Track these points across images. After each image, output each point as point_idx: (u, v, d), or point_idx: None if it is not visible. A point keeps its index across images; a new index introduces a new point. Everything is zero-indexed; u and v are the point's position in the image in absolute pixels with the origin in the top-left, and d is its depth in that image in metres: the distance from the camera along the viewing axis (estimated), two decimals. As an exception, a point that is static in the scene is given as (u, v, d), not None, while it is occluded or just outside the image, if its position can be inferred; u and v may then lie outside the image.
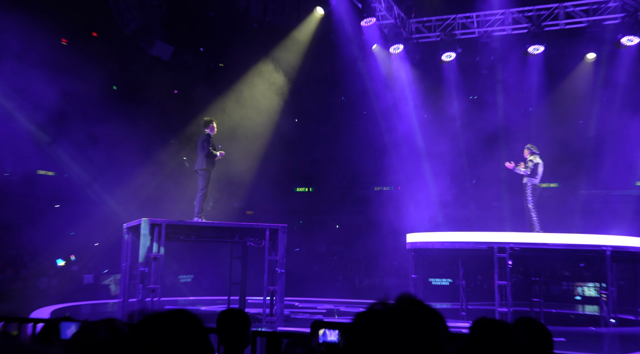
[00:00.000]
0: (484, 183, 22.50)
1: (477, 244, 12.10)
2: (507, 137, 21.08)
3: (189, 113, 22.79)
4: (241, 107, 21.72)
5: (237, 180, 22.69)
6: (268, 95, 21.86)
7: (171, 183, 21.21)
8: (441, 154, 21.28)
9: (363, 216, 27.17)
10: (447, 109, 21.72)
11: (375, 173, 24.98)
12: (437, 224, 20.09)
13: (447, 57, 18.28)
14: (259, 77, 21.66)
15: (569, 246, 11.90)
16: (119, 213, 20.18)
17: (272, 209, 26.38)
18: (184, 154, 23.02)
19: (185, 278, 21.95)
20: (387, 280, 23.15)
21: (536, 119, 21.79)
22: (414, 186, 22.25)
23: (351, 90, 23.02)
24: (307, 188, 29.76)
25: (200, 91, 22.71)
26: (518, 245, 11.81)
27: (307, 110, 25.94)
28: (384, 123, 22.45)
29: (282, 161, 25.27)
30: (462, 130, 21.56)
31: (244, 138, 22.00)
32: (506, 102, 21.27)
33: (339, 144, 26.89)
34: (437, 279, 22.42)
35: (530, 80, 20.25)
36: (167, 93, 23.40)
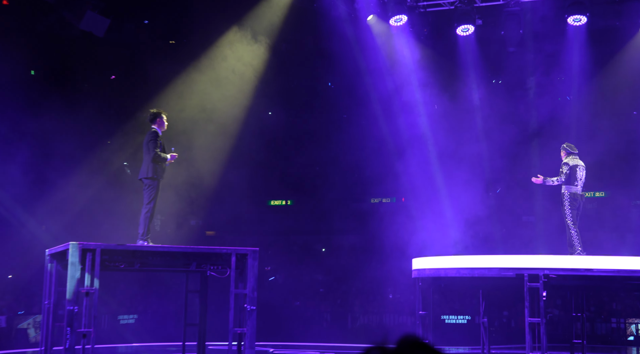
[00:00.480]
0: (511, 192, 22.70)
1: (502, 271, 12.21)
2: (540, 133, 21.32)
3: (131, 105, 22.79)
4: (199, 97, 21.75)
5: (194, 191, 22.68)
6: (232, 82, 21.90)
7: (108, 196, 21.14)
8: (456, 155, 21.45)
9: (357, 237, 27.24)
10: (463, 98, 21.92)
11: (373, 181, 25.08)
12: (464, 246, 20.15)
13: (463, 31, 18.51)
14: (220, 58, 21.70)
15: (619, 272, 12.02)
16: (40, 235, 20.07)
17: (239, 228, 26.35)
18: (124, 158, 22.98)
19: (126, 318, 21.86)
20: (388, 318, 23.23)
21: (577, 110, 22.04)
22: (422, 197, 22.39)
23: (340, 75, 23.17)
24: (284, 201, 29.80)
25: (145, 75, 22.69)
26: (555, 271, 11.93)
27: (284, 101, 26.02)
28: (382, 116, 22.60)
29: (252, 166, 25.30)
30: (482, 124, 21.75)
31: (204, 136, 22.02)
32: (539, 88, 21.52)
33: (325, 144, 26.96)
34: (452, 316, 22.54)
35: (569, 61, 20.50)
36: (101, 80, 23.37)
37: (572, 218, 12.68)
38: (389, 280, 23.06)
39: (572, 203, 12.69)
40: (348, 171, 26.70)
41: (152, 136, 11.52)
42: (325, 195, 27.49)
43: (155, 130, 11.63)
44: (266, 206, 28.90)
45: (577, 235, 12.67)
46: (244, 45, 21.51)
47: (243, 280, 11.51)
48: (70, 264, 10.56)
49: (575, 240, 12.67)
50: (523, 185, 21.55)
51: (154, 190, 11.53)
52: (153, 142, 11.47)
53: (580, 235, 12.71)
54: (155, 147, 11.45)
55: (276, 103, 25.67)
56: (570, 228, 12.69)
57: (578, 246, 12.63)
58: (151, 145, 11.45)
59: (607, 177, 21.75)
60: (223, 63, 21.65)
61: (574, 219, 12.69)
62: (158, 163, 11.48)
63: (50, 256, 12.38)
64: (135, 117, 22.15)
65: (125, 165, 23.13)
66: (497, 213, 22.59)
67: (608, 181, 22.91)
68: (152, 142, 11.47)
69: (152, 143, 11.46)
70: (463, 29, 18.40)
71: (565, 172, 12.71)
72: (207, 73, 21.59)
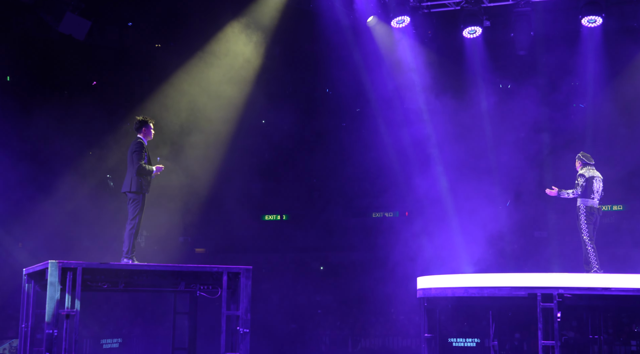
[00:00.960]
0: (522, 206, 22.71)
1: (513, 290, 12.21)
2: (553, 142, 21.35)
3: (114, 113, 22.80)
4: (188, 105, 21.77)
5: (183, 205, 22.67)
6: (222, 90, 21.91)
7: (90, 211, 21.12)
8: (463, 166, 21.46)
9: (357, 254, 27.24)
10: (470, 104, 21.95)
11: (374, 194, 25.13)
12: (488, 265, 20.07)
13: (470, 33, 18.56)
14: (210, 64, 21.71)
15: (639, 291, 12.03)
16: (16, 253, 20.03)
17: (231, 245, 26.33)
18: (107, 169, 22.98)
19: (110, 342, 21.79)
20: (392, 342, 23.20)
21: (592, 118, 22.09)
22: (427, 211, 22.38)
23: (339, 80, 23.20)
24: (279, 216, 29.79)
25: (130, 81, 22.75)
26: (570, 290, 11.92)
27: (279, 109, 26.05)
28: (384, 124, 22.62)
29: (245, 178, 25.30)
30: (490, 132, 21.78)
31: (193, 146, 22.03)
32: (551, 94, 21.57)
33: (323, 155, 26.99)
34: (460, 339, 22.51)
35: (583, 64, 20.57)
36: (82, 86, 23.40)
37: (589, 234, 12.68)
38: (392, 301, 23.02)
39: (588, 218, 12.69)
40: (348, 183, 26.71)
41: (137, 147, 11.47)
42: (323, 210, 27.50)
43: (140, 139, 11.58)
44: (260, 222, 28.88)
45: (593, 252, 12.66)
46: (236, 49, 21.53)
47: (235, 300, 11.49)
48: (50, 284, 10.53)
49: (591, 256, 12.66)
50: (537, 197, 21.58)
51: (139, 204, 11.49)
52: (137, 154, 11.41)
53: (597, 251, 12.70)
54: (140, 159, 11.39)
55: (270, 111, 25.69)
56: (587, 244, 12.68)
57: (595, 263, 12.63)
58: (135, 157, 11.40)
59: (626, 189, 21.76)
60: (213, 69, 21.63)
61: (590, 234, 12.68)
62: (143, 176, 11.45)
63: (27, 276, 12.33)
64: (118, 126, 22.16)
65: (109, 177, 23.12)
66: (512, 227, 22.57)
67: (627, 193, 22.91)
68: (137, 153, 11.41)
69: (137, 154, 11.40)
70: (470, 31, 18.44)
71: (581, 183, 12.71)
72: (196, 80, 21.60)
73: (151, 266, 11.63)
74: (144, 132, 11.68)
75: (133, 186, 11.39)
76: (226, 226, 25.47)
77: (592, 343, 14.76)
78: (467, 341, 22.52)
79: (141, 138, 11.61)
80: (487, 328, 16.06)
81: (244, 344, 11.25)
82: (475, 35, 18.76)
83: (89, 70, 23.40)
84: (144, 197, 11.58)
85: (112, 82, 23.61)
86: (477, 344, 22.14)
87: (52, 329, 10.46)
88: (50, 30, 20.49)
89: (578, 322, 20.43)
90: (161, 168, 11.68)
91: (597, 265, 12.63)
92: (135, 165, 11.37)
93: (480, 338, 21.99)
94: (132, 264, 11.34)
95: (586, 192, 12.68)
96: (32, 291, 12.29)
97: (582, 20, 17.74)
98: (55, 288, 10.54)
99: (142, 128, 11.69)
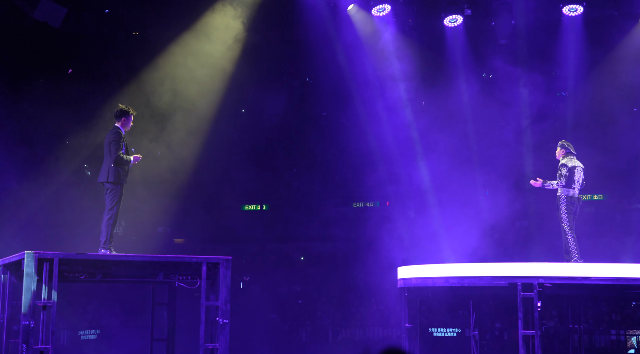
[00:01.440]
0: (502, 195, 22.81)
1: (493, 279, 12.29)
2: (533, 131, 21.44)
3: (90, 102, 22.66)
4: (166, 90, 21.68)
5: (161, 194, 22.59)
6: (202, 75, 21.85)
7: (67, 201, 21.00)
8: (444, 155, 21.53)
9: (338, 244, 27.26)
10: (450, 93, 22.02)
11: (355, 183, 25.14)
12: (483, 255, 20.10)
13: (451, 22, 18.62)
14: (187, 50, 21.63)
15: (619, 280, 12.12)
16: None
17: (210, 235, 26.27)
18: (83, 159, 22.85)
19: (88, 334, 21.73)
20: (372, 332, 23.29)
21: (573, 107, 22.21)
22: (408, 201, 22.47)
23: (319, 68, 23.19)
24: (258, 206, 29.76)
25: (106, 70, 22.57)
26: (550, 279, 12.01)
27: (258, 96, 25.98)
28: (365, 113, 22.64)
29: (224, 168, 25.24)
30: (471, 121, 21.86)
31: (171, 134, 21.96)
32: (532, 83, 21.67)
33: (303, 144, 26.98)
34: (441, 329, 22.63)
35: (564, 54, 20.68)
36: (58, 74, 23.21)
37: (569, 223, 12.76)
38: (373, 291, 23.09)
39: (569, 207, 12.77)
40: (328, 173, 26.69)
41: (115, 136, 11.43)
42: (304, 199, 27.48)
43: (118, 129, 11.55)
44: (239, 212, 28.82)
45: (574, 241, 12.76)
46: (214, 37, 21.46)
47: (215, 291, 11.49)
48: (26, 275, 10.49)
49: (572, 246, 12.76)
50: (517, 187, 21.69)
51: (117, 194, 11.47)
52: (115, 143, 11.38)
53: (577, 241, 12.80)
54: (118, 149, 11.36)
55: (250, 101, 25.63)
56: (567, 233, 12.77)
57: (575, 253, 12.73)
58: (113, 147, 11.37)
59: (605, 179, 21.89)
60: (191, 58, 21.58)
61: (570, 224, 12.77)
62: (121, 165, 11.42)
63: (3, 267, 12.28)
64: (95, 115, 22.03)
65: (85, 167, 22.99)
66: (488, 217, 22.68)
67: (607, 183, 23.07)
68: (115, 143, 11.38)
69: (115, 144, 11.37)
70: (451, 20, 18.51)
71: (564, 174, 12.76)
72: (174, 69, 21.53)
73: (129, 256, 11.62)
74: (122, 122, 11.65)
75: (110, 176, 11.37)
76: (205, 216, 25.39)
77: (572, 332, 14.89)
78: (447, 331, 22.65)
79: (119, 128, 11.58)
80: (467, 318, 16.20)
81: (223, 335, 11.26)
82: (456, 24, 18.83)
83: (65, 58, 23.18)
84: (122, 187, 11.56)
85: (88, 70, 23.41)
86: (458, 334, 22.27)
87: (28, 321, 10.43)
88: (24, 17, 20.28)
89: (558, 311, 20.61)
90: (138, 158, 11.66)
91: (577, 255, 12.72)
92: (112, 155, 11.35)
93: (460, 328, 22.12)
94: (109, 254, 11.33)
95: (568, 182, 12.76)
96: (7, 282, 12.25)
97: (563, 9, 17.87)
98: (31, 279, 10.51)
99: (122, 117, 11.66)
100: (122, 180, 11.52)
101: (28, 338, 10.39)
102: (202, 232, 26.23)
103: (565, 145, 13.10)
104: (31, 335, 10.43)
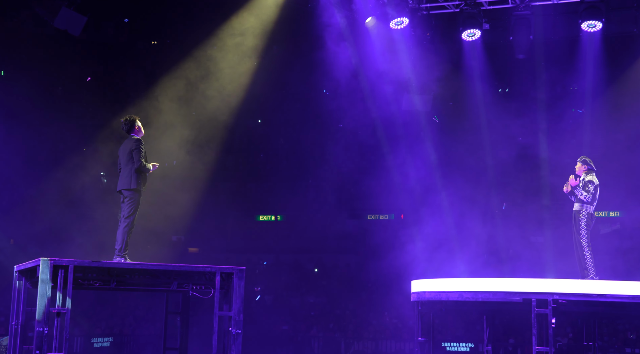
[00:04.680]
0: (518, 210, 22.75)
1: (508, 295, 12.22)
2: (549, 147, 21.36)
3: (109, 110, 22.78)
4: (182, 102, 21.78)
5: (176, 204, 22.65)
6: (218, 88, 21.92)
7: (82, 209, 21.09)
8: (460, 169, 21.49)
9: (352, 256, 27.24)
10: (467, 107, 22.00)
11: (370, 195, 25.12)
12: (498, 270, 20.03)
13: (469, 36, 18.56)
14: (207, 61, 21.73)
15: (634, 298, 12.02)
16: (7, 250, 19.99)
17: (224, 245, 26.31)
18: (100, 166, 22.95)
19: (101, 341, 21.77)
20: (385, 345, 23.20)
21: (590, 123, 22.13)
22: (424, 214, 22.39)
23: (336, 81, 23.21)
24: (273, 216, 29.79)
25: (124, 78, 22.72)
26: (565, 296, 11.94)
27: (275, 107, 26.07)
28: (381, 126, 22.65)
29: (239, 178, 25.30)
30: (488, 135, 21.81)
31: (186, 144, 22.03)
32: (549, 99, 21.62)
33: (319, 155, 26.99)
34: (454, 343, 22.53)
35: (583, 69, 20.60)
36: (77, 82, 23.39)
37: (587, 240, 12.68)
38: (386, 304, 23.05)
39: (588, 224, 12.70)
40: (343, 185, 26.69)
41: (137, 144, 11.43)
42: (319, 211, 27.48)
43: (136, 138, 11.58)
44: (254, 222, 28.87)
45: (591, 258, 12.68)
46: (233, 47, 21.54)
47: (228, 301, 11.48)
48: (41, 282, 10.52)
49: (588, 263, 12.67)
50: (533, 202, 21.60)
51: (135, 202, 11.48)
52: (138, 151, 11.38)
53: (594, 257, 12.72)
54: (141, 157, 11.40)
55: (266, 111, 25.71)
56: (585, 250, 12.69)
57: (592, 270, 12.64)
58: (136, 154, 11.36)
59: (622, 195, 21.76)
60: (209, 67, 21.67)
61: (588, 241, 12.69)
62: (141, 173, 11.45)
63: (18, 273, 12.32)
64: (112, 123, 22.16)
65: (102, 174, 23.09)
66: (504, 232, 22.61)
67: (623, 200, 22.94)
68: (137, 150, 11.38)
69: (137, 152, 11.37)
70: (469, 34, 18.45)
71: (591, 191, 12.63)
72: (191, 77, 21.62)
73: (144, 265, 11.61)
74: (136, 131, 11.67)
75: (132, 183, 11.36)
76: (220, 226, 25.45)
77: (586, 350, 14.75)
78: (460, 346, 22.54)
79: (137, 138, 11.59)
80: (481, 333, 16.08)
81: (235, 345, 11.24)
82: (474, 38, 18.78)
83: (85, 67, 23.36)
84: (140, 195, 11.59)
85: (107, 78, 23.58)
86: (471, 349, 22.15)
87: (42, 327, 10.44)
88: (45, 25, 20.46)
89: (573, 328, 20.46)
90: (156, 166, 11.69)
91: (594, 272, 12.64)
92: (136, 163, 11.35)
93: (474, 343, 22.01)
94: (124, 262, 11.33)
95: (592, 199, 12.68)
96: (23, 288, 12.27)
97: (582, 25, 17.75)
98: (46, 285, 10.53)
99: (134, 127, 11.67)
100: (142, 188, 11.56)
101: (42, 345, 10.41)
102: (216, 241, 26.27)
103: (587, 161, 13.00)
104: (45, 342, 10.45)
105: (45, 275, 10.54)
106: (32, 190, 20.61)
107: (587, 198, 12.63)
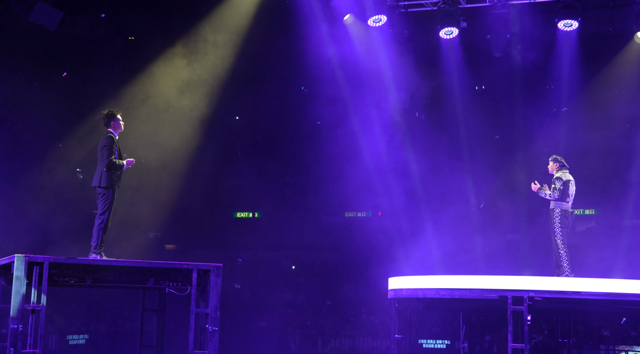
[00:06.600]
0: (494, 208, 22.87)
1: (484, 292, 12.29)
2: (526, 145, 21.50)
3: (85, 106, 22.64)
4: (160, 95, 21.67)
5: (152, 200, 22.56)
6: (196, 84, 21.86)
7: (57, 205, 20.96)
8: (437, 167, 21.56)
9: (329, 253, 27.25)
10: (444, 105, 22.08)
11: (347, 193, 25.13)
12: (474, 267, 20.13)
13: (446, 34, 18.65)
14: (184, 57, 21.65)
15: (609, 295, 12.13)
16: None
17: (201, 242, 26.24)
18: (76, 163, 22.81)
19: (76, 339, 21.64)
20: (362, 342, 23.25)
21: (567, 121, 22.28)
22: (401, 212, 22.46)
23: (314, 78, 23.21)
24: (251, 213, 29.75)
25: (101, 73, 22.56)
26: (540, 293, 12.02)
27: (253, 104, 26.02)
28: (359, 123, 22.67)
29: (217, 175, 25.22)
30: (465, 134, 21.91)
31: (163, 140, 21.95)
32: (526, 97, 21.74)
33: (296, 153, 26.98)
34: (430, 340, 22.62)
35: (559, 68, 20.74)
36: (53, 77, 23.19)
37: (562, 238, 12.76)
38: (363, 301, 23.09)
39: (562, 221, 12.75)
40: (320, 182, 26.69)
41: (108, 141, 11.40)
42: (296, 208, 27.48)
43: (111, 133, 11.51)
44: (231, 219, 28.82)
45: (566, 256, 12.75)
46: (211, 43, 21.49)
47: (205, 298, 11.46)
48: (15, 278, 10.45)
49: (563, 260, 12.75)
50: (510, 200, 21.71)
51: (109, 199, 11.43)
52: (108, 148, 11.34)
53: (569, 255, 12.81)
54: (111, 154, 11.32)
55: (244, 108, 25.65)
56: (560, 247, 12.76)
57: (567, 267, 12.72)
58: (105, 152, 11.32)
59: (598, 193, 21.95)
60: (186, 63, 21.60)
61: (563, 238, 12.76)
62: (113, 170, 11.39)
63: (-7, 270, 12.23)
64: (89, 119, 22.02)
65: (78, 171, 22.95)
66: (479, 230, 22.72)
67: (599, 198, 23.13)
68: (107, 147, 11.34)
69: (107, 149, 11.33)
70: (446, 32, 18.53)
71: (559, 187, 12.73)
72: (169, 73, 21.52)
73: (120, 261, 11.56)
74: (113, 126, 11.61)
75: (103, 181, 11.34)
76: (197, 223, 25.36)
77: (561, 347, 14.90)
78: (437, 343, 22.63)
79: (112, 132, 11.54)
80: (457, 330, 16.19)
81: (212, 342, 11.23)
82: (452, 36, 18.86)
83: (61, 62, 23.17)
84: (114, 192, 11.52)
85: (83, 74, 23.41)
86: (447, 346, 22.25)
87: (17, 324, 10.37)
88: (21, 20, 20.25)
89: (548, 325, 20.62)
90: (132, 162, 11.62)
91: (569, 269, 12.72)
92: (105, 160, 11.31)
93: (450, 340, 22.11)
94: (100, 259, 11.28)
95: (562, 196, 12.74)
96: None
97: (559, 24, 17.88)
98: (21, 282, 10.45)
99: (111, 122, 11.61)
100: (115, 185, 11.49)
101: (16, 342, 10.34)
102: (194, 239, 26.19)
103: (559, 159, 13.08)
104: (19, 339, 10.38)
105: (20, 272, 10.46)
106: (7, 185, 20.44)
107: (554, 196, 12.72)
